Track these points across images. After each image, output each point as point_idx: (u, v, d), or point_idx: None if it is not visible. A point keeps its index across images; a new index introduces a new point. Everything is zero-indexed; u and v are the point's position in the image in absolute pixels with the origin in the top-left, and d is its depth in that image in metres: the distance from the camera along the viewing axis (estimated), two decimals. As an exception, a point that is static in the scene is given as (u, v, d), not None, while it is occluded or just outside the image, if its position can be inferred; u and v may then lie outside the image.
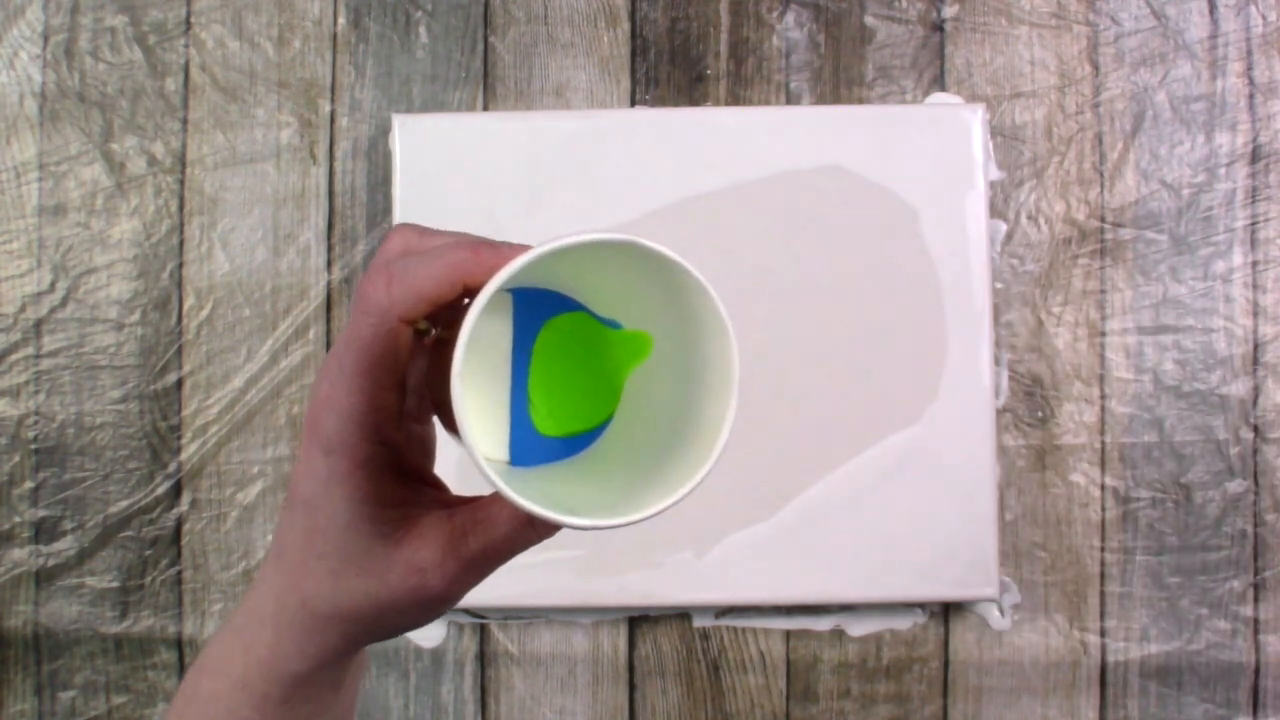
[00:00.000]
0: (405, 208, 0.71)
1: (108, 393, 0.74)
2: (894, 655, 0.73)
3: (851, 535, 0.70)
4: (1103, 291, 0.73)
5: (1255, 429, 0.73)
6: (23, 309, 0.74)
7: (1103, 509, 0.73)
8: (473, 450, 0.27)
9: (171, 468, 0.74)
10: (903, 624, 0.73)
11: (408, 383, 0.32)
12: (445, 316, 0.31)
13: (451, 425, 0.33)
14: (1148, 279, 0.73)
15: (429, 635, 0.73)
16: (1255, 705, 0.72)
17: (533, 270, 0.29)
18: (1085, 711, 0.72)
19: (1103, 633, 0.72)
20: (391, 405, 0.31)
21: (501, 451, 0.33)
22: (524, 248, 0.29)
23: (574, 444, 0.34)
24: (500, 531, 0.31)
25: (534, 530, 0.31)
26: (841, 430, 0.71)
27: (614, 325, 0.34)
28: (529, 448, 0.34)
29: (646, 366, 0.33)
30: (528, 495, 0.27)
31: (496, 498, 0.31)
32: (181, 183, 0.75)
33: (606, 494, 0.30)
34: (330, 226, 0.75)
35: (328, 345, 0.74)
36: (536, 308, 0.34)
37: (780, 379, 0.70)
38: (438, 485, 0.34)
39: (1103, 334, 0.73)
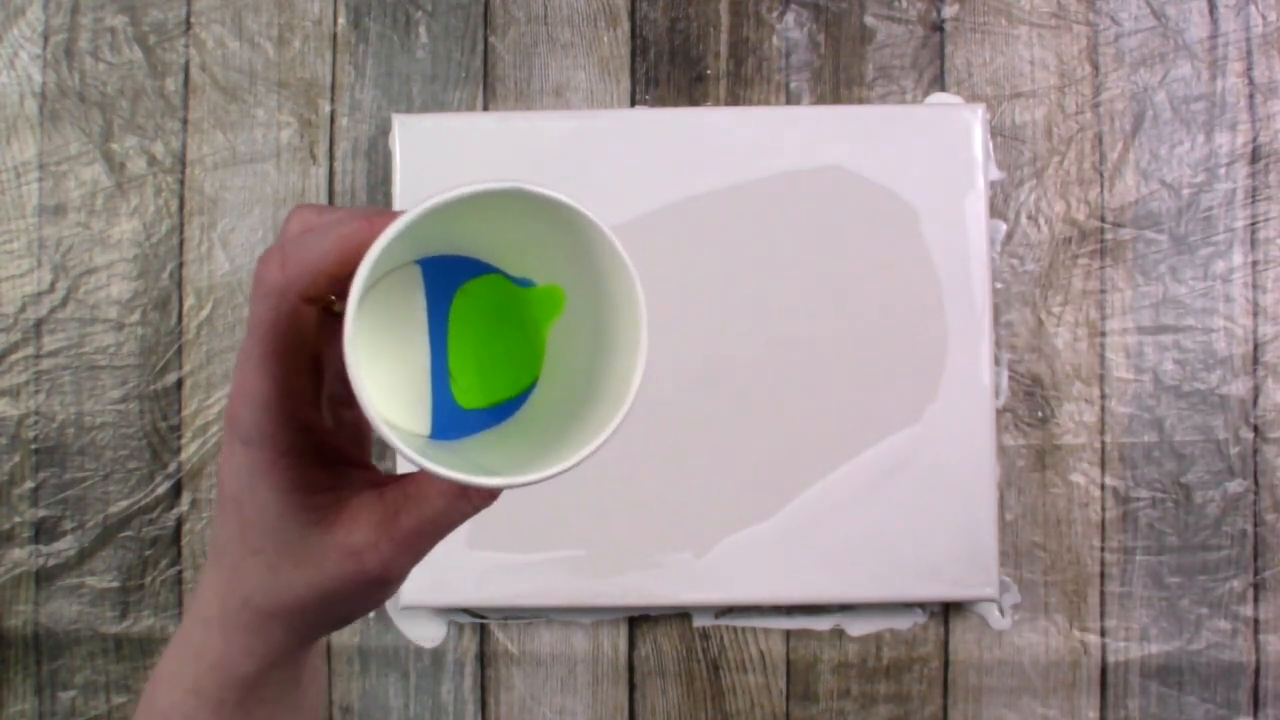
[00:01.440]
0: (405, 208, 0.71)
1: (108, 393, 0.74)
2: (894, 655, 0.73)
3: (851, 535, 0.70)
4: (1103, 291, 0.73)
5: (1255, 429, 0.73)
6: (23, 309, 0.74)
7: (1103, 509, 0.73)
8: (374, 420, 0.26)
9: (171, 468, 0.74)
10: (903, 624, 0.73)
11: (328, 367, 0.31)
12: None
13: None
14: (1148, 279, 0.73)
15: (429, 635, 0.73)
16: (1255, 705, 0.72)
17: (432, 233, 0.28)
18: (1085, 711, 0.72)
19: (1103, 632, 0.72)
20: (305, 389, 0.30)
21: (424, 426, 0.32)
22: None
23: (501, 412, 0.33)
24: (433, 506, 0.30)
25: (467, 502, 0.30)
26: (842, 430, 0.71)
27: (528, 284, 0.33)
28: (454, 421, 0.33)
29: (566, 325, 0.32)
30: (447, 463, 0.26)
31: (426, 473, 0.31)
32: (181, 183, 0.75)
33: (529, 455, 0.29)
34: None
35: (328, 345, 0.74)
36: (450, 276, 0.32)
37: (780, 379, 0.70)
38: (367, 467, 0.33)
39: (1103, 334, 0.73)
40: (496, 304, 0.33)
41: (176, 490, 0.74)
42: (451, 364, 0.33)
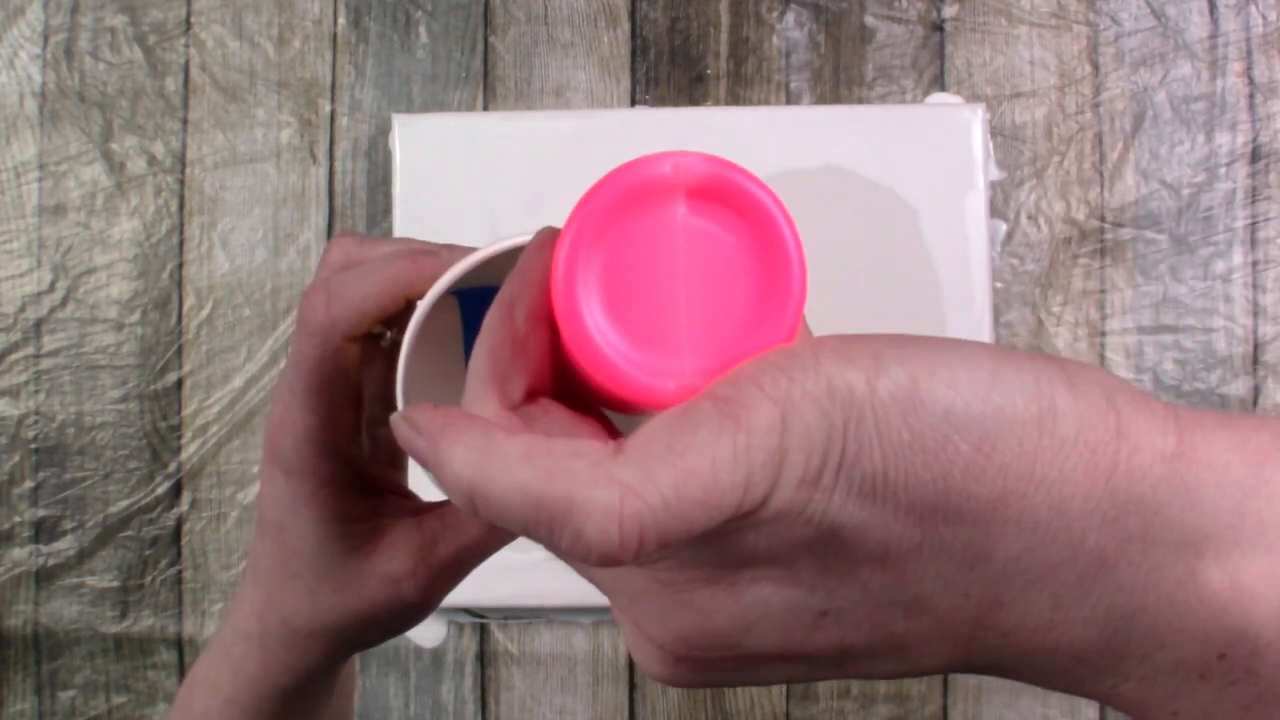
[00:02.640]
0: (405, 208, 0.71)
1: (108, 393, 0.74)
2: (894, 655, 0.73)
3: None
4: (1103, 291, 0.73)
5: (1255, 429, 0.73)
6: (23, 309, 0.74)
7: (1103, 509, 0.73)
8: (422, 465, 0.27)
9: (171, 468, 0.74)
10: (903, 624, 0.73)
11: (366, 390, 0.32)
12: (403, 319, 0.31)
13: None
14: (1148, 279, 0.73)
15: (429, 635, 0.73)
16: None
17: (477, 272, 0.28)
18: (1085, 711, 0.72)
19: (1103, 633, 0.72)
20: (347, 422, 0.31)
21: None
22: (465, 250, 0.29)
23: None
24: (470, 535, 0.31)
25: (505, 530, 0.30)
26: (841, 430, 0.71)
27: None
28: None
29: None
30: None
31: None
32: (181, 183, 0.75)
33: None
34: (330, 226, 0.75)
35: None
36: (486, 307, 0.33)
37: (780, 379, 0.70)
38: (404, 494, 0.34)
39: (1103, 334, 0.73)
40: None
41: (176, 490, 0.74)
42: None
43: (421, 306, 0.27)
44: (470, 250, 0.28)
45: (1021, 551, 0.18)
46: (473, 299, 0.33)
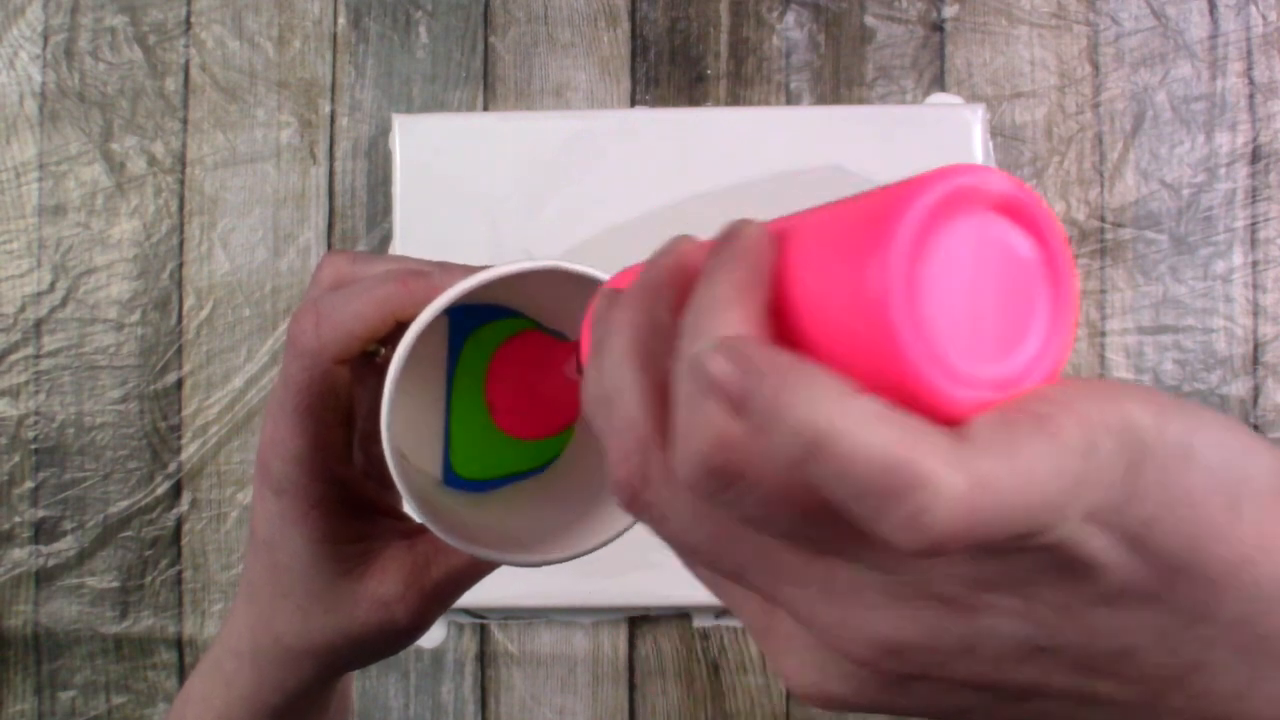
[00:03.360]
0: (405, 208, 0.71)
1: (108, 393, 0.74)
2: (894, 655, 0.73)
3: (851, 535, 0.70)
4: (1103, 291, 0.73)
5: (1255, 429, 0.73)
6: (23, 309, 0.74)
7: (1103, 509, 0.73)
8: (405, 493, 0.27)
9: (171, 468, 0.74)
10: (903, 624, 0.73)
11: (359, 407, 0.32)
12: (396, 338, 0.31)
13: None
14: (1148, 279, 0.73)
15: (429, 635, 0.73)
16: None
17: (471, 295, 0.28)
18: (1085, 711, 0.72)
19: (1103, 633, 0.72)
20: (338, 443, 0.30)
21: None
22: (457, 269, 0.29)
23: (539, 455, 0.34)
24: (462, 558, 0.31)
25: None
26: (841, 430, 0.71)
27: (562, 337, 0.33)
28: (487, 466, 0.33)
29: None
30: (472, 523, 0.27)
31: None
32: (181, 183, 0.75)
33: (563, 515, 0.30)
34: (330, 226, 0.75)
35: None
36: (475, 326, 0.33)
37: (780, 379, 0.70)
38: (397, 515, 0.33)
39: (1103, 334, 0.73)
40: (533, 356, 0.33)
41: (176, 490, 0.74)
42: (454, 429, 0.33)
43: (412, 331, 0.27)
44: (463, 269, 0.28)
45: (1241, 618, 0.18)
46: (460, 316, 0.33)
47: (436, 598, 0.31)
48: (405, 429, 0.32)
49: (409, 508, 0.27)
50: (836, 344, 0.18)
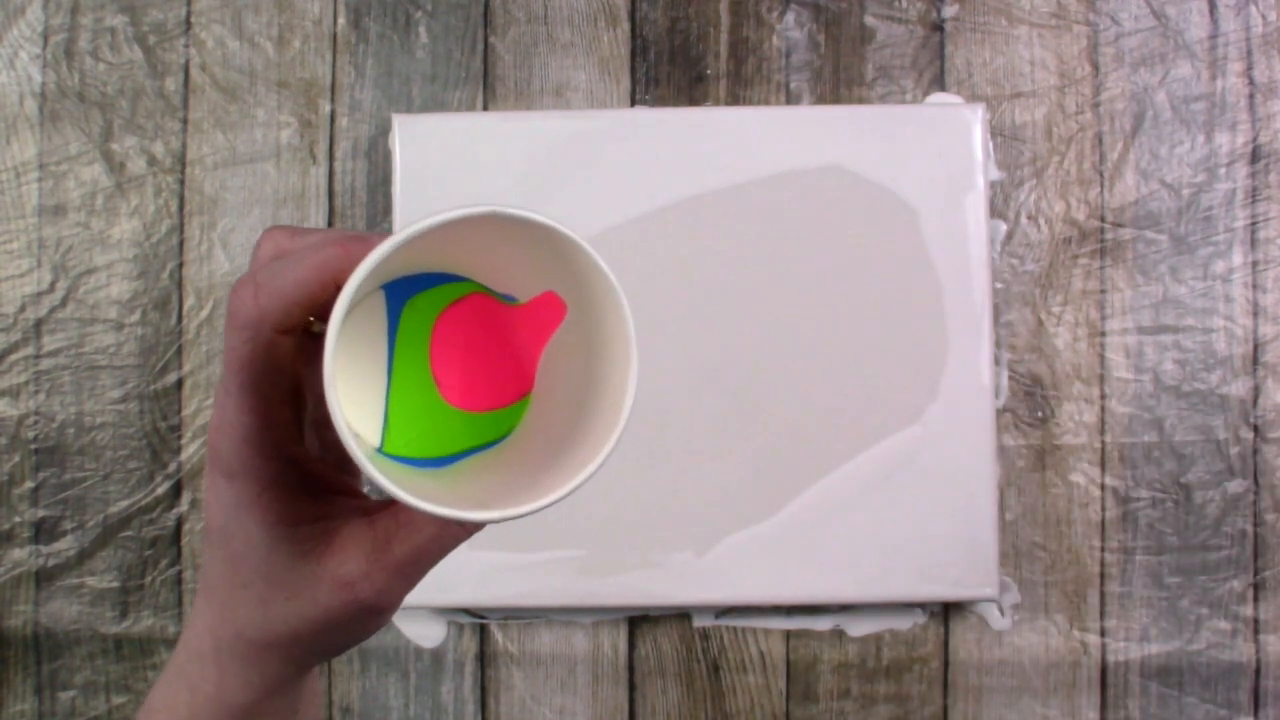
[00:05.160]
0: (405, 208, 0.71)
1: (108, 393, 0.74)
2: (894, 655, 0.73)
3: (851, 535, 0.70)
4: (1103, 291, 0.73)
5: (1255, 429, 0.73)
6: (23, 309, 0.74)
7: (1103, 509, 0.73)
8: (354, 454, 0.25)
9: (171, 468, 0.74)
10: (903, 624, 0.73)
11: (310, 390, 0.31)
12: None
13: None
14: (1148, 279, 0.73)
15: (429, 635, 0.73)
16: (1256, 705, 0.72)
17: (412, 256, 0.27)
18: (1086, 712, 0.72)
19: (1103, 633, 0.72)
20: (286, 420, 0.29)
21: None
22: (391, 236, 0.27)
23: (495, 428, 0.32)
24: (425, 533, 0.30)
25: (461, 527, 0.30)
26: (841, 430, 0.71)
27: (511, 300, 0.32)
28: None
29: (558, 343, 0.31)
30: (434, 491, 0.26)
31: None
32: (181, 183, 0.75)
33: (524, 480, 0.29)
34: (330, 226, 0.75)
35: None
36: (411, 296, 0.31)
37: (780, 379, 0.70)
38: (354, 493, 0.32)
39: (1103, 334, 0.73)
40: (482, 323, 0.32)
41: (176, 490, 0.74)
42: (391, 407, 0.31)
43: (346, 290, 0.25)
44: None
45: None
46: (398, 290, 0.31)
47: (401, 573, 0.30)
48: (354, 410, 0.31)
49: (369, 477, 0.26)
50: None
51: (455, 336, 0.32)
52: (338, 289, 0.26)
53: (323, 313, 0.28)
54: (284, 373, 0.29)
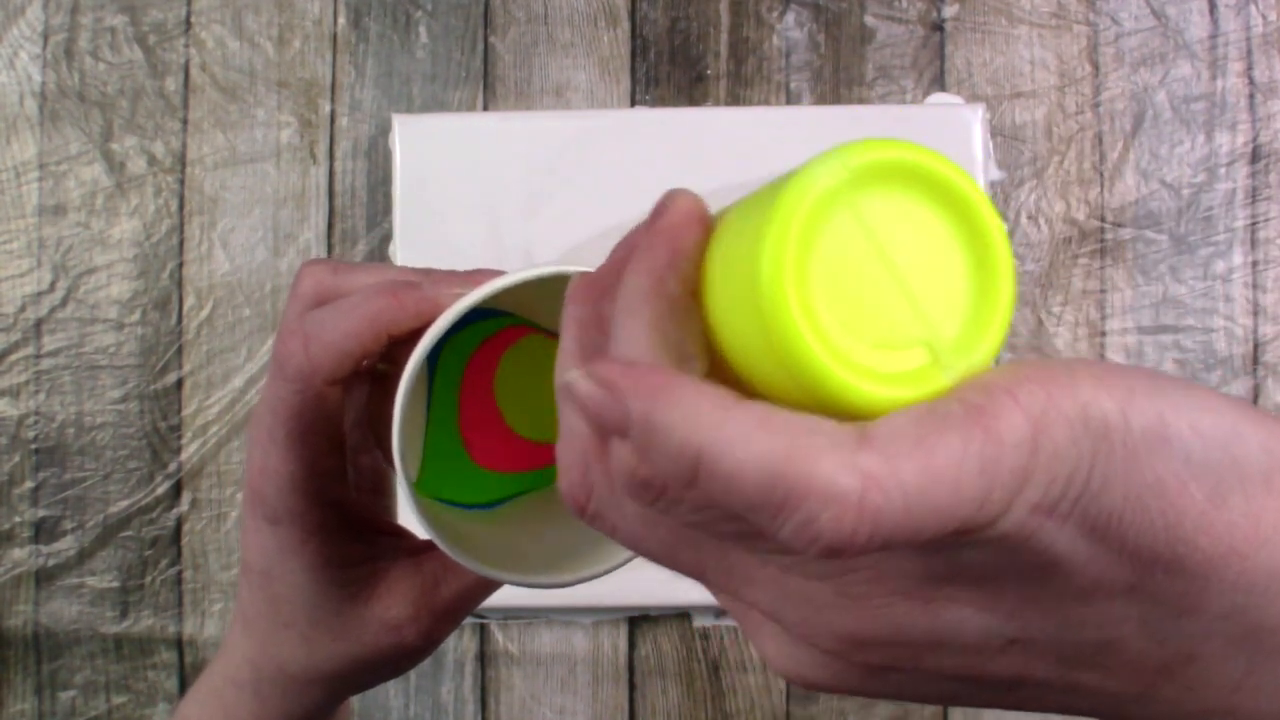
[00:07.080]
0: (405, 208, 0.71)
1: (108, 393, 0.74)
2: (894, 655, 0.73)
3: (851, 535, 0.70)
4: (1103, 291, 0.73)
5: (1255, 429, 0.73)
6: (23, 309, 0.74)
7: (1103, 509, 0.73)
8: (416, 514, 0.26)
9: (171, 468, 0.74)
10: (903, 624, 0.73)
11: (349, 416, 0.31)
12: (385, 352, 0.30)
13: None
14: (1148, 279, 0.73)
15: (429, 635, 0.73)
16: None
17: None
18: (1085, 711, 0.72)
19: (1103, 633, 0.72)
20: (333, 467, 0.29)
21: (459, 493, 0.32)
22: (446, 276, 0.27)
23: (546, 473, 0.32)
24: (472, 577, 0.30)
25: None
26: (841, 430, 0.70)
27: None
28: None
29: None
30: (480, 538, 0.26)
31: None
32: (181, 183, 0.75)
33: (573, 535, 0.29)
34: (330, 226, 0.75)
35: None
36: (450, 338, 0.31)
37: (780, 379, 0.70)
38: (397, 531, 0.32)
39: (1103, 334, 0.73)
40: (538, 363, 0.32)
41: (176, 490, 0.74)
42: (427, 452, 0.31)
43: (421, 348, 0.25)
44: (448, 276, 0.27)
45: (1232, 610, 0.17)
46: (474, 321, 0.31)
47: (448, 616, 0.30)
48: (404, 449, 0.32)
49: (420, 528, 0.26)
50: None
51: (486, 384, 0.32)
52: (390, 339, 0.27)
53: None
54: (331, 420, 0.29)
